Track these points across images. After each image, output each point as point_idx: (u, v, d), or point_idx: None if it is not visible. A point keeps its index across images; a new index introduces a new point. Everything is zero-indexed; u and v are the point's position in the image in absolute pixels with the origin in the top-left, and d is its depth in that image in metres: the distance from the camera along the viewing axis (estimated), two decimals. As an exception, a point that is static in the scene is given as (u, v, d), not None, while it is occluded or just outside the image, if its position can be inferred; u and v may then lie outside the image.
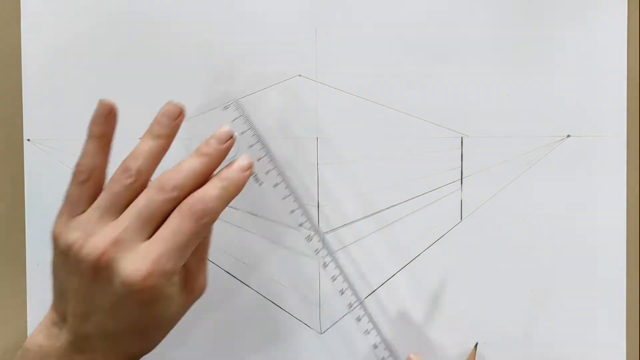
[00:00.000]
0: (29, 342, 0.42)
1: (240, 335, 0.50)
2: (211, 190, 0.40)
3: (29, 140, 0.50)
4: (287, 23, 0.49)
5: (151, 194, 0.39)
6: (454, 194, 0.49)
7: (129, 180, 0.40)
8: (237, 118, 0.47)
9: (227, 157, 0.41)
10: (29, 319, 0.50)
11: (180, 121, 0.42)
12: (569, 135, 0.49)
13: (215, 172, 0.41)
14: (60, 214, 0.41)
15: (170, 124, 0.41)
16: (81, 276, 0.39)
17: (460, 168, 0.49)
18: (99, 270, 0.38)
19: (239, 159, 0.41)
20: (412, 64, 0.49)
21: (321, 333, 0.50)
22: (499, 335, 0.50)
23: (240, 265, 0.50)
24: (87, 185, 0.41)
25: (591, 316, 0.49)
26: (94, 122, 0.41)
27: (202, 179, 0.40)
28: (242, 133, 0.47)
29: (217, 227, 0.42)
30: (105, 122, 0.41)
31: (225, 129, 0.41)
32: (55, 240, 0.41)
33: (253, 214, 0.49)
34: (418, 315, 0.49)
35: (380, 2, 0.49)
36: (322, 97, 0.49)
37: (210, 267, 0.44)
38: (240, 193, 0.42)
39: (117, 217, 0.40)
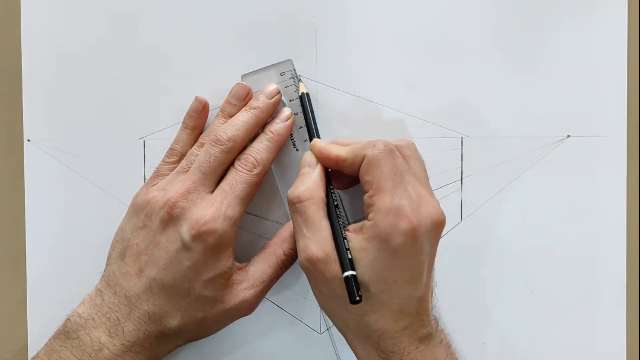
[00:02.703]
0: (70, 314, 0.44)
1: (240, 335, 0.50)
2: (259, 143, 0.45)
3: (29, 140, 0.50)
4: (287, 24, 0.49)
5: (209, 147, 0.45)
6: (454, 194, 0.49)
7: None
8: (289, 86, 0.48)
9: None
10: (29, 319, 0.50)
11: (250, 98, 0.47)
12: (569, 136, 0.49)
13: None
14: (145, 184, 0.47)
15: (240, 104, 0.47)
16: (150, 229, 0.44)
17: (460, 168, 0.49)
18: (170, 219, 0.43)
19: (279, 113, 0.47)
20: (412, 64, 0.49)
21: (321, 333, 0.50)
22: (499, 335, 0.49)
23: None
24: (174, 164, 0.47)
25: (591, 316, 0.49)
26: (189, 116, 0.48)
27: (254, 130, 0.46)
28: (291, 100, 0.48)
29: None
30: (198, 116, 0.48)
31: (272, 86, 0.47)
32: (135, 200, 0.46)
33: (253, 215, 0.49)
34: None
35: (380, 3, 0.49)
36: (322, 97, 0.49)
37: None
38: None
39: None
